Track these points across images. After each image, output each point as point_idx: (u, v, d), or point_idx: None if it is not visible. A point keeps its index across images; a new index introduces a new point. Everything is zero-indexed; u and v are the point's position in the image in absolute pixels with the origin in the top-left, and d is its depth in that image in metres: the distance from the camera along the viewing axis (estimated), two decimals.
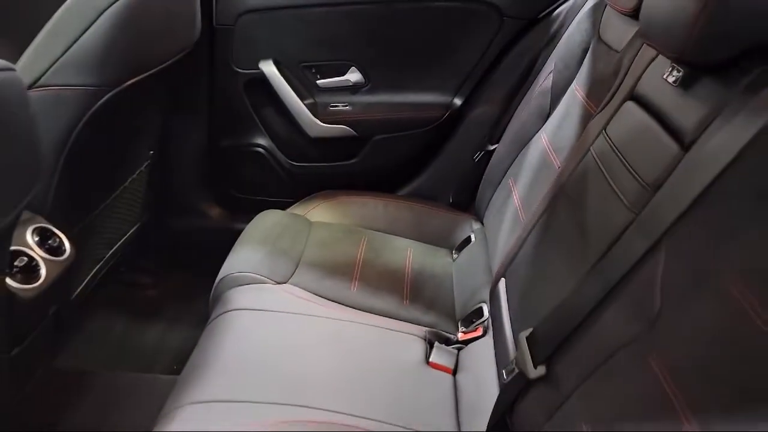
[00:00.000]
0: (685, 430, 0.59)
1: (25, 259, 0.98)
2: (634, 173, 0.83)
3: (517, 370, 0.88)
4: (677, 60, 0.79)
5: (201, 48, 1.46)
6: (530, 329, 0.89)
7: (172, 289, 1.52)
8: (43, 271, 0.99)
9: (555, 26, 1.50)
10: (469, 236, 1.51)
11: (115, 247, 1.41)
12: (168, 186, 1.62)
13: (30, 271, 0.98)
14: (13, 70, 0.68)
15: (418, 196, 1.69)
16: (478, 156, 1.60)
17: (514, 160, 1.41)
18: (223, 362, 1.04)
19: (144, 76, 1.19)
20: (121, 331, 1.43)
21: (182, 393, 0.99)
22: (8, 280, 0.93)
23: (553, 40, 1.49)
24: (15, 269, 0.96)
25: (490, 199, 1.49)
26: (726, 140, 0.68)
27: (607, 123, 0.98)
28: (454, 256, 1.49)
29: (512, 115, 1.53)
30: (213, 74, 1.60)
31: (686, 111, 0.78)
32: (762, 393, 0.54)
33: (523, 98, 1.51)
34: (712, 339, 0.62)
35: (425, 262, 1.43)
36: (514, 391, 0.89)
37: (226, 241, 1.39)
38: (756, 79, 0.70)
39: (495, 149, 1.54)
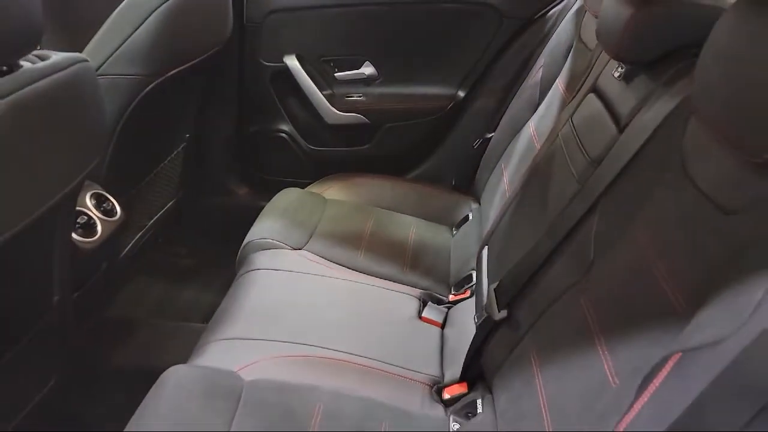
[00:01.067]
0: (599, 351, 0.76)
1: (85, 218, 1.19)
2: (584, 152, 1.00)
3: (485, 315, 1.06)
4: (617, 58, 0.95)
5: (232, 43, 1.66)
6: (498, 281, 1.07)
7: (205, 257, 1.72)
8: (99, 229, 1.20)
9: (548, 26, 1.67)
10: (468, 215, 1.68)
11: (155, 218, 1.62)
12: (201, 166, 1.83)
13: (89, 228, 1.19)
14: (86, 61, 0.88)
15: (423, 178, 1.87)
16: (477, 143, 1.77)
17: (507, 146, 1.58)
18: (245, 310, 1.24)
19: (183, 67, 1.39)
20: (161, 290, 1.64)
21: (211, 333, 1.18)
22: (73, 235, 1.14)
23: (545, 38, 1.65)
24: (77, 225, 1.17)
25: (486, 181, 1.66)
26: (646, 122, 0.85)
27: (574, 111, 1.15)
28: (454, 232, 1.67)
29: (508, 106, 1.69)
30: (243, 67, 1.80)
31: (625, 100, 0.95)
32: (654, 321, 0.70)
33: (518, 91, 1.68)
34: (623, 279, 0.79)
35: (426, 237, 1.61)
36: (483, 334, 1.07)
37: (252, 215, 1.58)
38: (674, 74, 0.86)
39: (492, 137, 1.71)
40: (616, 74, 0.98)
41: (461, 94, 1.83)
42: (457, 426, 1.05)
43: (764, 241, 0.55)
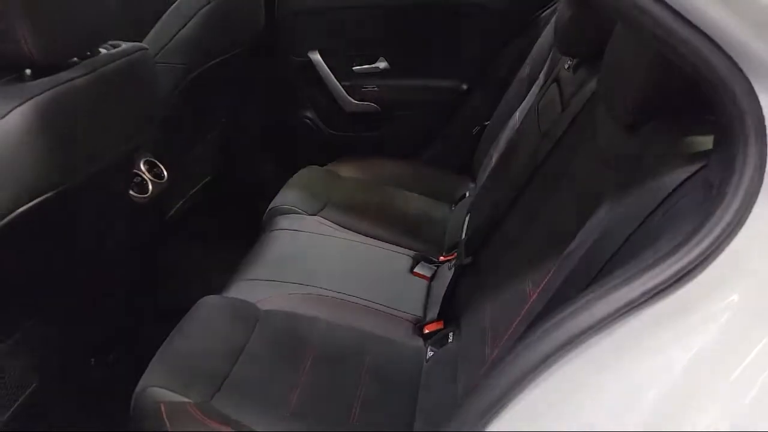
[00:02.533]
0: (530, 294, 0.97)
1: (139, 179, 1.46)
2: (539, 129, 1.22)
3: (456, 262, 1.29)
4: (561, 52, 1.17)
5: (264, 40, 1.92)
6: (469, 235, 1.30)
7: (236, 222, 1.97)
8: (149, 188, 1.47)
9: (540, 27, 1.88)
10: (466, 193, 1.90)
11: (195, 189, 1.89)
12: (235, 147, 2.10)
13: (142, 187, 1.46)
14: (147, 49, 1.14)
15: (428, 161, 2.10)
16: (476, 130, 2.00)
17: (498, 132, 1.80)
18: (265, 259, 1.50)
19: (220, 59, 1.66)
20: (199, 246, 1.91)
21: (238, 275, 1.44)
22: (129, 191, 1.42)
23: (537, 38, 1.86)
24: (132, 184, 1.44)
25: (481, 163, 1.88)
26: (577, 103, 1.07)
27: (540, 98, 1.37)
28: (453, 208, 1.90)
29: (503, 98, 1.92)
30: (272, 60, 2.06)
31: (570, 86, 1.17)
32: (556, 250, 0.92)
33: (512, 84, 1.90)
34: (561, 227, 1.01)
35: (426, 210, 1.84)
36: (455, 278, 1.30)
37: (277, 189, 1.83)
38: None
39: (488, 124, 1.93)
40: (566, 65, 1.20)
41: (464, 87, 2.05)
42: (431, 353, 1.29)
43: (619, 184, 0.77)
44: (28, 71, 0.89)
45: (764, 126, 0.55)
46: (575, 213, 0.86)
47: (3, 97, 0.85)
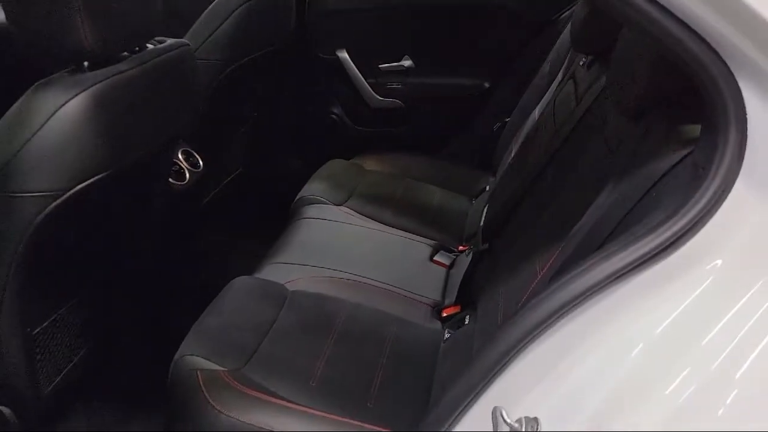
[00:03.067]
0: (538, 272, 1.04)
1: (177, 166, 1.56)
2: (554, 122, 1.29)
3: (474, 248, 1.36)
4: (576, 50, 1.24)
5: (294, 39, 2.01)
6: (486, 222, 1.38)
7: (266, 211, 2.07)
8: (187, 176, 1.57)
9: (559, 28, 1.94)
10: (485, 187, 1.97)
11: (228, 179, 1.99)
12: (265, 140, 2.20)
13: (180, 174, 1.56)
14: (188, 45, 1.24)
15: (450, 156, 2.18)
16: (497, 126, 2.06)
17: (519, 128, 1.87)
18: (293, 244, 1.58)
19: (253, 56, 1.75)
20: (232, 235, 2.02)
21: (268, 258, 1.53)
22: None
23: (558, 37, 1.92)
24: (171, 172, 1.54)
25: (501, 159, 1.95)
26: (589, 97, 1.14)
27: (558, 94, 1.43)
28: (473, 202, 1.97)
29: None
30: (302, 58, 2.16)
31: (584, 81, 1.23)
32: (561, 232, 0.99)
33: (532, 82, 1.96)
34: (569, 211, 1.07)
35: (447, 203, 1.91)
36: (472, 264, 1.38)
37: (304, 181, 1.92)
38: None
39: (508, 121, 2.00)
40: (581, 62, 1.27)
41: (486, 84, 2.12)
42: (448, 335, 1.36)
43: (620, 169, 0.84)
44: (86, 63, 0.99)
45: (745, 114, 0.61)
46: (582, 197, 0.92)
47: (65, 87, 0.95)
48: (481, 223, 1.49)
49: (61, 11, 0.92)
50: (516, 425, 0.68)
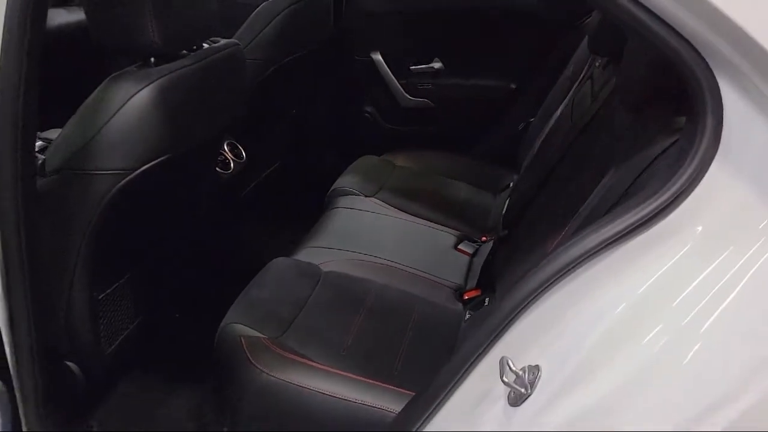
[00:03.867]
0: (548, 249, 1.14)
1: (223, 157, 1.71)
2: (571, 119, 1.39)
3: (494, 235, 1.47)
4: (591, 51, 1.34)
5: (332, 41, 2.15)
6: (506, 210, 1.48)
7: (302, 202, 2.20)
8: (231, 166, 1.71)
9: (584, 32, 2.03)
10: (509, 183, 2.07)
11: (267, 171, 2.13)
12: (302, 136, 2.33)
13: (225, 164, 1.71)
14: (239, 45, 1.37)
15: (476, 154, 2.28)
16: (522, 126, 2.16)
17: (542, 128, 1.96)
18: (327, 231, 1.71)
19: (293, 57, 1.89)
20: (271, 222, 2.15)
21: (304, 243, 1.66)
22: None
23: (581, 42, 2.01)
24: (218, 161, 1.68)
25: (525, 157, 2.04)
26: (604, 94, 1.24)
27: (576, 93, 1.53)
28: (497, 197, 2.07)
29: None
30: (338, 59, 2.29)
31: (600, 81, 1.33)
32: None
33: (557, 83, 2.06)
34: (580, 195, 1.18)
35: (472, 198, 2.02)
36: (493, 250, 1.48)
37: (338, 175, 2.05)
38: None
39: (533, 121, 2.10)
40: (597, 64, 1.37)
41: (513, 86, 2.23)
42: (468, 315, 1.47)
43: (621, 154, 0.94)
44: (152, 59, 1.13)
45: (721, 104, 0.71)
46: (591, 182, 1.03)
47: (135, 79, 1.09)
48: (503, 212, 1.60)
49: (134, 15, 1.06)
50: (520, 372, 0.79)
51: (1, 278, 0.94)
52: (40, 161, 1.09)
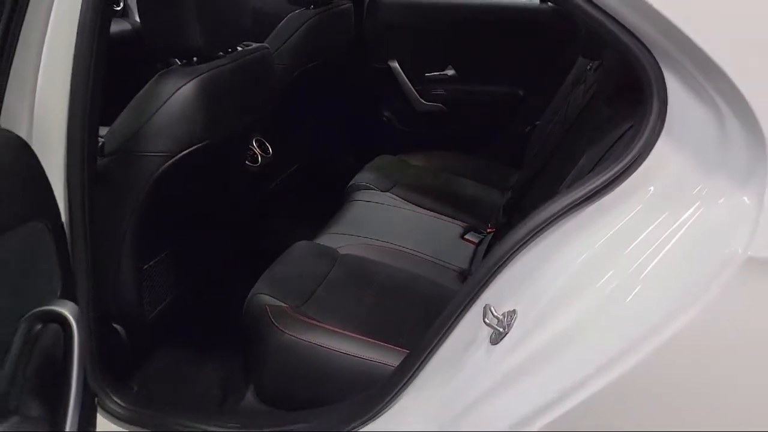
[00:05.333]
0: None
1: (251, 152, 1.88)
2: (565, 117, 1.54)
3: (495, 221, 1.62)
4: (585, 56, 1.49)
5: (352, 49, 2.32)
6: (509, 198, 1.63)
7: (322, 199, 2.37)
8: (259, 160, 1.89)
9: None
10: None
11: (290, 170, 2.31)
12: (323, 137, 2.51)
13: (253, 158, 1.88)
14: (268, 48, 1.56)
15: (486, 155, 2.43)
16: (528, 129, 2.31)
17: (545, 128, 2.11)
18: (345, 220, 1.88)
19: (317, 63, 2.07)
20: (294, 214, 2.33)
21: (323, 230, 1.83)
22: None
23: None
24: (247, 155, 1.86)
25: (531, 156, 2.19)
26: (590, 94, 1.38)
27: (571, 96, 1.68)
28: (504, 195, 2.21)
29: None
30: (358, 66, 2.47)
31: (590, 81, 1.48)
32: None
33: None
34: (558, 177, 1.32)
35: (481, 194, 2.17)
36: (494, 237, 1.63)
37: (358, 172, 2.22)
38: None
39: (538, 123, 2.24)
40: (589, 66, 1.52)
41: (521, 92, 2.38)
42: None
43: (593, 139, 1.09)
44: (195, 59, 1.32)
45: (665, 90, 0.86)
46: (570, 168, 1.18)
47: (180, 75, 1.28)
48: (504, 203, 1.75)
49: (181, 21, 1.24)
50: (500, 316, 0.94)
51: (69, 244, 1.10)
52: (99, 144, 1.27)
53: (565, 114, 1.57)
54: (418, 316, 1.50)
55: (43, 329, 0.83)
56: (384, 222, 1.90)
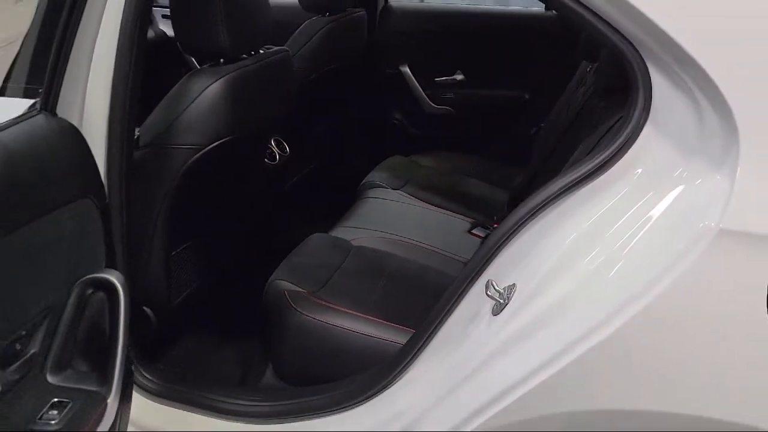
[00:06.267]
0: None
1: (270, 150, 1.99)
2: (567, 115, 1.63)
3: (500, 217, 1.71)
4: (584, 58, 1.59)
5: (365, 54, 2.44)
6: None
7: (337, 195, 2.47)
8: (277, 158, 2.00)
9: None
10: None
11: (306, 169, 2.42)
12: (338, 138, 2.62)
13: (271, 156, 1.99)
14: (288, 51, 1.67)
15: (493, 155, 2.53)
16: (533, 130, 2.41)
17: (549, 130, 2.21)
18: (358, 214, 1.98)
19: (332, 67, 2.18)
20: (309, 211, 2.43)
21: (338, 223, 1.93)
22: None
23: None
24: (266, 153, 1.97)
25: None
26: (589, 92, 1.48)
27: (572, 97, 1.78)
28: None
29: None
30: (371, 71, 2.58)
31: (590, 82, 1.57)
32: None
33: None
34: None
35: (488, 193, 2.26)
36: None
37: (369, 171, 2.32)
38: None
39: (543, 125, 2.34)
40: (589, 68, 1.62)
41: (526, 96, 2.48)
42: None
43: (587, 129, 1.19)
44: (221, 60, 1.43)
45: (650, 84, 0.96)
46: (570, 156, 1.27)
47: (208, 75, 1.39)
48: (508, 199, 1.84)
49: (210, 24, 1.36)
50: (501, 290, 1.03)
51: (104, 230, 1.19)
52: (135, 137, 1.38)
53: (566, 115, 1.67)
54: (426, 301, 1.59)
55: (91, 296, 0.93)
56: (395, 217, 1.99)
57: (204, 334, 1.76)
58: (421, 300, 1.58)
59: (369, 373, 1.27)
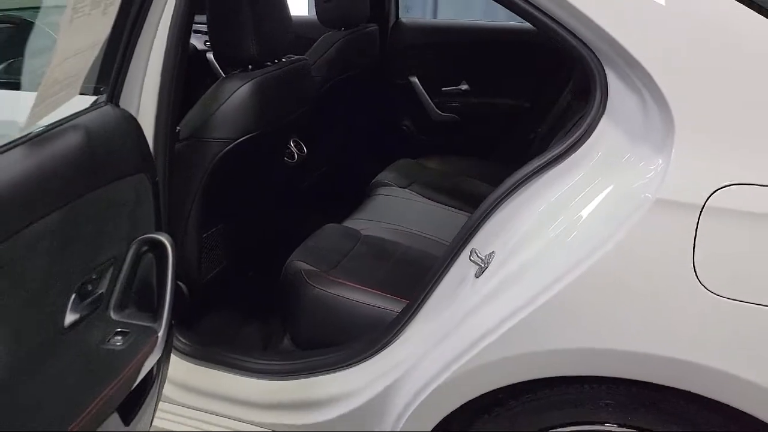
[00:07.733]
0: None
1: (289, 150, 2.21)
2: (556, 119, 1.83)
3: None
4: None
5: (377, 66, 2.66)
6: None
7: (348, 195, 2.68)
8: (295, 157, 2.21)
9: None
10: None
11: (320, 171, 2.63)
12: (349, 143, 2.83)
13: (290, 155, 2.21)
14: (308, 60, 1.89)
15: (495, 159, 2.73)
16: (532, 135, 2.60)
17: (545, 134, 2.40)
18: (368, 209, 2.18)
19: (345, 77, 2.39)
20: (322, 210, 2.63)
21: (350, 216, 2.14)
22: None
23: None
24: (286, 152, 2.18)
25: None
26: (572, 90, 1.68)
27: (564, 101, 1.98)
28: None
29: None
30: (382, 82, 2.80)
31: (570, 84, 1.77)
32: None
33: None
34: None
35: (487, 192, 2.45)
36: None
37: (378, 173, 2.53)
38: None
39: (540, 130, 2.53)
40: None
41: (527, 104, 2.68)
42: None
43: (560, 123, 1.39)
44: (250, 66, 1.65)
45: (606, 82, 1.15)
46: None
47: (238, 79, 1.62)
48: None
49: (241, 35, 1.58)
50: (483, 257, 1.23)
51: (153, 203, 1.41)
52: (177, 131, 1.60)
53: (557, 117, 1.87)
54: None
55: (145, 253, 1.15)
56: (401, 211, 2.20)
57: (230, 308, 1.97)
58: (421, 278, 1.78)
59: (371, 335, 1.47)
